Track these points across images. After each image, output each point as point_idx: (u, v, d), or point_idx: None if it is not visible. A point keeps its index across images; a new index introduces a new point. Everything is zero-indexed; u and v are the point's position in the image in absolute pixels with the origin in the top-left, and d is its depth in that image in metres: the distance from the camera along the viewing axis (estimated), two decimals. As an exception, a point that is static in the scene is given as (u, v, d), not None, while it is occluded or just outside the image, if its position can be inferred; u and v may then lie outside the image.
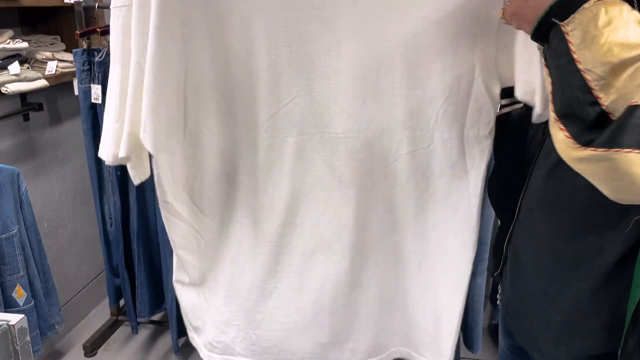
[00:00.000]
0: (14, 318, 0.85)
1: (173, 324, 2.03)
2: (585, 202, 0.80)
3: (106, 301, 2.28)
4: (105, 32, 1.85)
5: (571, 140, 0.63)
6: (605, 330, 0.83)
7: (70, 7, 2.14)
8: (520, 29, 0.76)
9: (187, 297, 1.31)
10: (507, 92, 1.04)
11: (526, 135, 1.02)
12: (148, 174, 1.08)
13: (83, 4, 1.97)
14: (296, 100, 1.02)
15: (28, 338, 0.87)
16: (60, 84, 2.10)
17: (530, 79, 0.94)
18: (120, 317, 2.29)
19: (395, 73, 0.99)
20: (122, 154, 0.98)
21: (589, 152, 0.60)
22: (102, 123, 1.89)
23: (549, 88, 0.67)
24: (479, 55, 0.99)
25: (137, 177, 1.06)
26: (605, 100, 0.59)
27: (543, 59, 0.69)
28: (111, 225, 2.07)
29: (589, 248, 0.82)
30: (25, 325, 0.86)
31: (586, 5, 0.62)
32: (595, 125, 0.60)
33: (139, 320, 2.08)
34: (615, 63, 0.58)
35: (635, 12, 0.61)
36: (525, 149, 1.01)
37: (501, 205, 1.11)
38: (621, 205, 0.65)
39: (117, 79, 0.98)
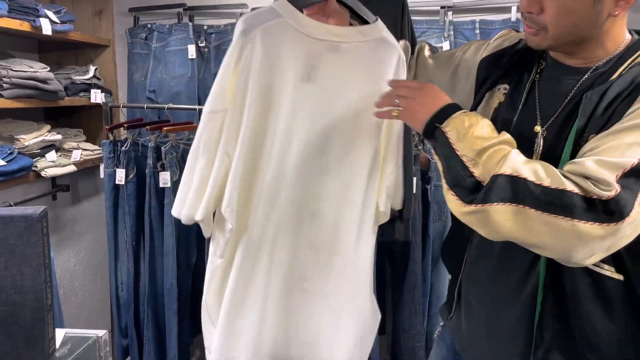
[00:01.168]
0: (100, 332, 1.18)
1: (175, 378, 2.29)
2: (507, 248, 1.08)
3: (111, 362, 2.53)
4: (131, 126, 2.28)
5: (459, 201, 0.97)
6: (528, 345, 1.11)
7: (90, 105, 2.59)
8: (412, 127, 1.13)
9: None
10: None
11: None
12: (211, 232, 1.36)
13: (109, 104, 2.40)
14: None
15: (108, 348, 1.20)
16: (83, 169, 2.49)
17: None
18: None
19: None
20: (198, 217, 1.26)
21: (471, 207, 0.94)
22: (122, 202, 2.27)
23: (440, 168, 1.03)
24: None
25: (207, 232, 1.33)
26: (477, 173, 0.95)
27: (433, 150, 1.07)
28: (122, 290, 2.37)
29: (514, 284, 1.10)
30: (107, 338, 1.19)
31: (454, 114, 1.01)
32: (473, 190, 0.95)
33: (145, 374, 2.33)
34: (479, 149, 0.95)
35: (485, 119, 1.01)
36: None
37: (450, 261, 1.40)
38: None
39: (203, 163, 1.24)
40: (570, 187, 0.87)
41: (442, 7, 2.43)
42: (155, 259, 2.30)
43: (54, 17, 2.21)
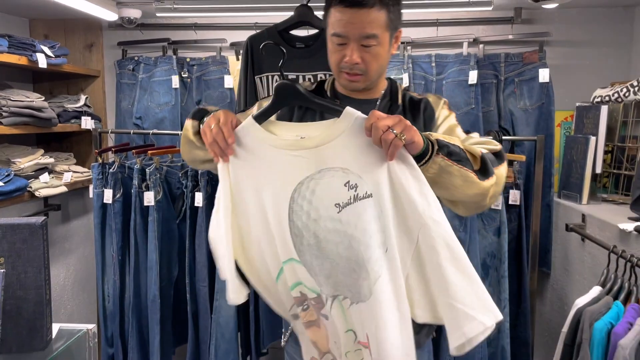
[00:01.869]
0: (89, 326, 1.38)
1: (158, 383, 2.46)
2: None
3: (97, 371, 2.68)
4: (119, 150, 2.49)
5: (475, 176, 1.16)
6: None
7: (80, 131, 2.81)
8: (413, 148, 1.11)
9: None
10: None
11: None
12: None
13: (98, 130, 2.62)
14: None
15: (96, 340, 1.39)
16: (73, 190, 2.68)
17: None
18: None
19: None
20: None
21: (487, 181, 1.17)
22: (109, 220, 2.47)
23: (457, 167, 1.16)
24: None
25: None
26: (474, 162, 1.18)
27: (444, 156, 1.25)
28: (108, 302, 2.55)
29: None
30: (95, 331, 1.39)
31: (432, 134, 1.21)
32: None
33: (129, 380, 2.50)
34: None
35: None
36: None
37: None
38: None
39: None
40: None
41: (402, 43, 2.69)
42: (140, 273, 2.49)
43: (48, 52, 2.44)
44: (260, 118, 1.21)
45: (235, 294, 1.22)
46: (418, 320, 1.14)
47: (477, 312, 1.07)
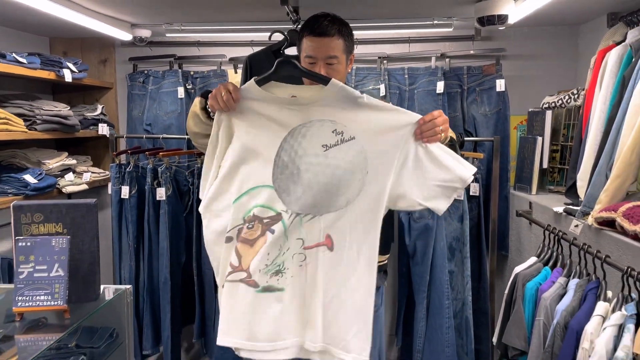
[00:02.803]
0: (127, 286, 1.75)
1: (167, 356, 2.82)
2: None
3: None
4: (134, 152, 2.87)
5: None
6: None
7: (96, 136, 3.18)
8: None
9: None
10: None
11: None
12: None
13: (115, 135, 3.00)
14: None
15: (132, 297, 1.76)
16: (92, 188, 3.05)
17: None
18: None
19: None
20: None
21: None
22: (125, 213, 2.84)
23: None
24: None
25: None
26: None
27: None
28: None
29: None
30: (132, 290, 1.75)
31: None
32: None
33: (144, 353, 2.85)
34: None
35: None
36: None
37: None
38: None
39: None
40: None
41: (379, 58, 3.11)
42: (153, 259, 2.86)
43: (73, 68, 2.82)
44: (261, 81, 1.54)
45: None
46: (413, 197, 1.54)
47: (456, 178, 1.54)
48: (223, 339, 1.54)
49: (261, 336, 1.53)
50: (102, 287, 1.70)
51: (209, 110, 1.59)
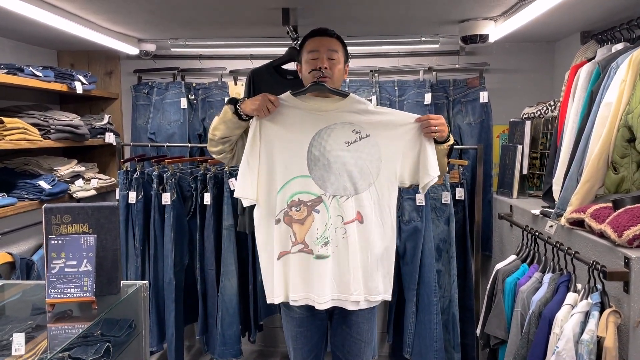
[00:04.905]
0: (144, 282, 1.92)
1: (172, 352, 2.98)
2: None
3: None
4: (140, 160, 3.04)
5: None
6: None
7: (103, 144, 3.34)
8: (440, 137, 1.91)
9: None
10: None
11: None
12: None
13: (121, 144, 3.16)
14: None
15: (147, 292, 1.93)
16: (99, 193, 3.21)
17: None
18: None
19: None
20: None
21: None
22: (132, 216, 3.00)
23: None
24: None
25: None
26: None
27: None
28: (130, 286, 3.06)
29: None
30: (147, 286, 1.93)
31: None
32: None
33: (149, 350, 3.00)
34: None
35: None
36: None
37: None
38: None
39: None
40: None
41: (371, 71, 3.31)
42: (158, 260, 3.02)
43: (83, 80, 2.99)
44: (297, 94, 1.92)
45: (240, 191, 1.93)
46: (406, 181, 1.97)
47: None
48: (285, 296, 1.93)
49: (315, 291, 1.89)
50: (120, 283, 1.87)
51: (242, 114, 1.89)
